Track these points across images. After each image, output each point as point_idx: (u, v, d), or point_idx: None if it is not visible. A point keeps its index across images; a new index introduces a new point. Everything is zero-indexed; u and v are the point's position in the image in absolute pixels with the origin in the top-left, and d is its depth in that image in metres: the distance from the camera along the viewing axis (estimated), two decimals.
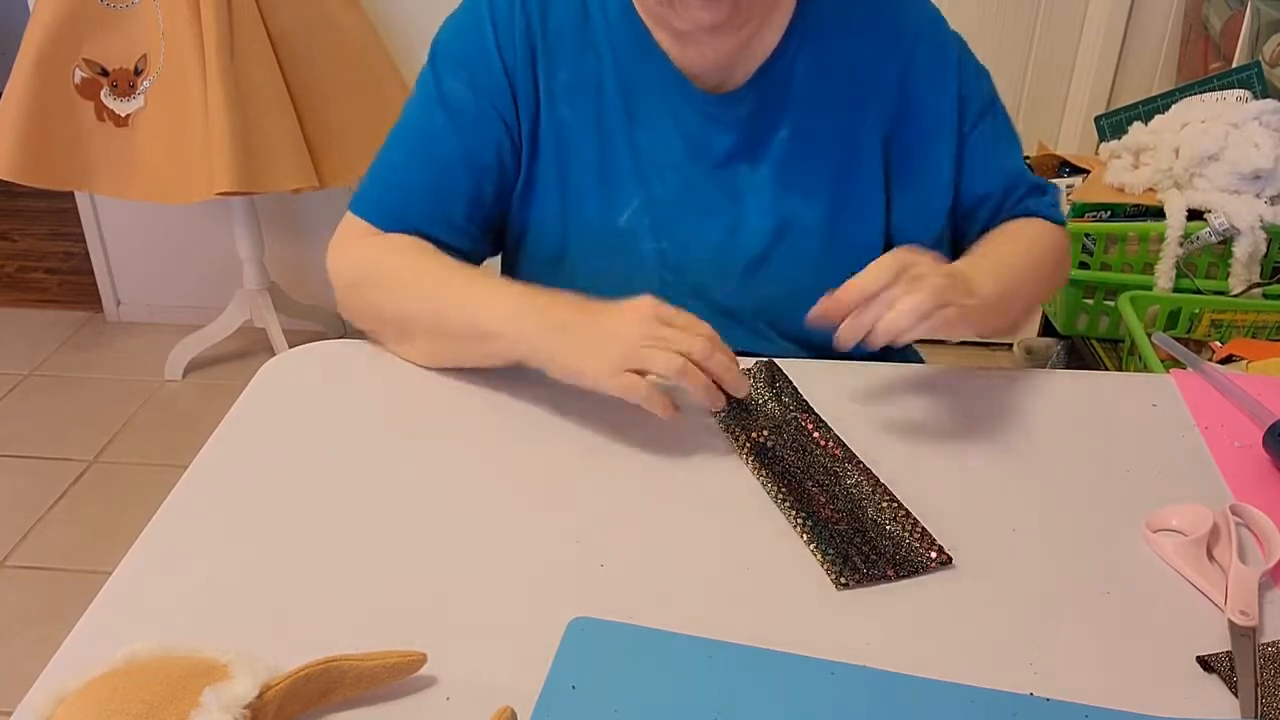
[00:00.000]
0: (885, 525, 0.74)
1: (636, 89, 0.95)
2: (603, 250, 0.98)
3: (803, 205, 0.97)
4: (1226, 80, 1.59)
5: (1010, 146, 1.04)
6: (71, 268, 2.95)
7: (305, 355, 0.97)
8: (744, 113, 0.95)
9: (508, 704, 0.59)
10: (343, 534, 0.74)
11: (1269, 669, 0.63)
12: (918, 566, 0.71)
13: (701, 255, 0.97)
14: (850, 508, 0.76)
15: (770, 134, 0.96)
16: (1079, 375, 1.00)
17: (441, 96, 0.95)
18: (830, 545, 0.72)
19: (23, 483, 2.10)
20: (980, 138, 1.00)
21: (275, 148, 1.99)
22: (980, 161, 1.00)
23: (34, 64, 1.96)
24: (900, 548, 0.72)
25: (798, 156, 0.96)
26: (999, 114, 1.03)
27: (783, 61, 0.95)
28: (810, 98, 0.96)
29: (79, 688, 0.55)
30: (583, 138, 0.96)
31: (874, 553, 0.72)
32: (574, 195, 0.97)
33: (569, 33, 0.95)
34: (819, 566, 0.71)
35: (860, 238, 0.98)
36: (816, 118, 0.96)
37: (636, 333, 0.79)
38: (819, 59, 0.95)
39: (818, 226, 0.97)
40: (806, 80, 0.95)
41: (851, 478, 0.79)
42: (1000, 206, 1.03)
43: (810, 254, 0.97)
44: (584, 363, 0.80)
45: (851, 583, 0.70)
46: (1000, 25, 2.21)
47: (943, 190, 1.00)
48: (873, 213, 0.98)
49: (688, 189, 0.96)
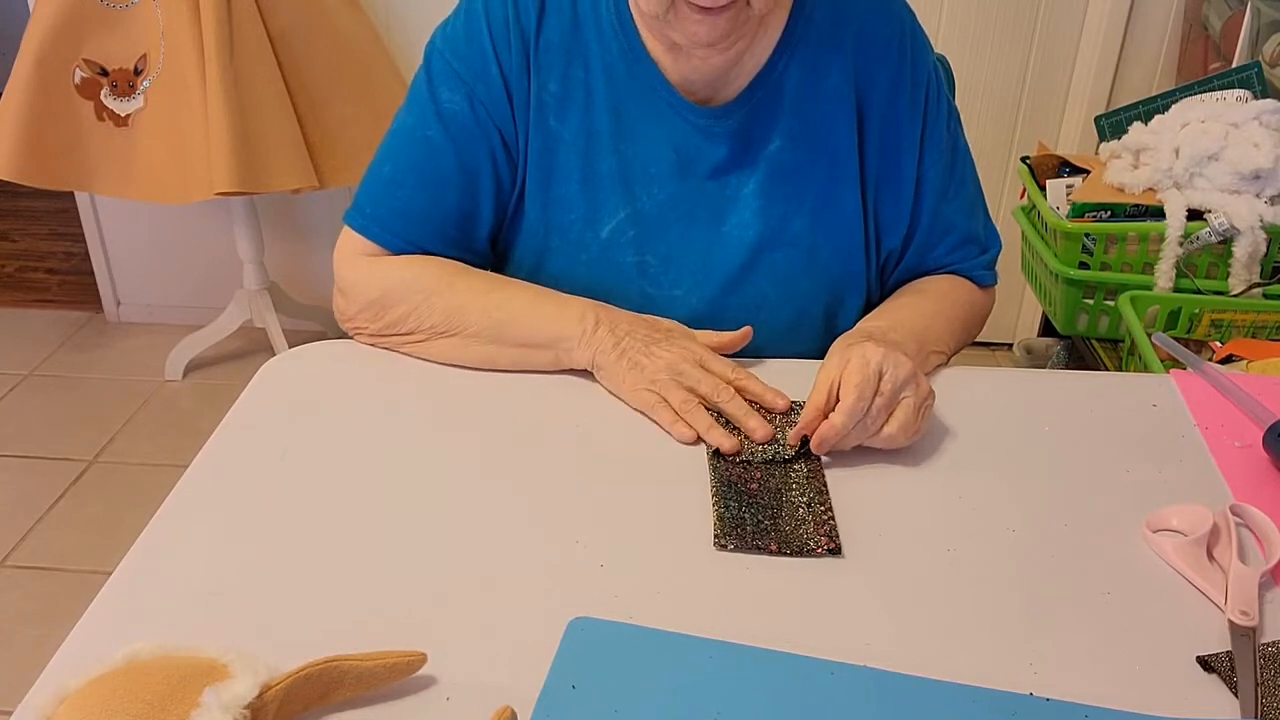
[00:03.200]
0: (799, 510, 0.76)
1: (627, 101, 0.95)
2: (581, 261, 0.98)
3: (787, 217, 0.97)
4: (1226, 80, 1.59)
5: (958, 192, 1.03)
6: (71, 268, 2.95)
7: (305, 355, 0.97)
8: (735, 126, 0.96)
9: (508, 704, 0.59)
10: (343, 534, 0.74)
11: (1269, 669, 0.63)
12: (804, 548, 0.72)
13: (684, 268, 0.98)
14: (777, 486, 0.78)
15: (761, 147, 0.96)
16: (1079, 375, 1.00)
17: (437, 109, 0.95)
18: (729, 508, 0.75)
19: (23, 483, 2.10)
20: (933, 180, 1.00)
21: (275, 148, 1.99)
22: (925, 205, 1.01)
23: (34, 64, 1.96)
24: (799, 528, 0.74)
25: (785, 169, 0.97)
26: (957, 155, 1.03)
27: (774, 75, 0.95)
28: (799, 110, 0.96)
29: (79, 688, 0.55)
30: (569, 149, 0.96)
31: (773, 528, 0.74)
32: (555, 206, 0.97)
33: (560, 44, 0.95)
34: (819, 566, 0.71)
35: (841, 249, 0.99)
36: (804, 130, 0.96)
37: (670, 368, 0.87)
38: (808, 72, 0.96)
39: (801, 239, 0.98)
40: (796, 93, 0.96)
41: (797, 465, 0.81)
42: (925, 254, 1.03)
43: (792, 267, 0.98)
44: (624, 377, 0.88)
45: (730, 546, 0.72)
46: (1000, 25, 2.21)
47: (903, 213, 1.01)
48: (854, 224, 0.99)
49: (675, 202, 0.97)
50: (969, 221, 1.04)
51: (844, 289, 1.00)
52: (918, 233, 1.01)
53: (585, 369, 0.91)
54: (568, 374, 0.92)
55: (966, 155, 1.04)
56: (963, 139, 1.04)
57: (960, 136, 1.03)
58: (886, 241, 1.01)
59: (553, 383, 0.92)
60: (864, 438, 0.80)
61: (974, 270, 1.05)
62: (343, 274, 0.98)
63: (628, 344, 0.89)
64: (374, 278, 0.95)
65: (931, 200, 1.00)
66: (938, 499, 0.78)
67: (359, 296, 0.95)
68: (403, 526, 0.75)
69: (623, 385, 0.88)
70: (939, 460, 0.82)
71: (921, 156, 0.99)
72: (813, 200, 0.97)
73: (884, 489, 0.79)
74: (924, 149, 0.99)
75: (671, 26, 0.88)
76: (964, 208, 1.04)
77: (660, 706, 0.60)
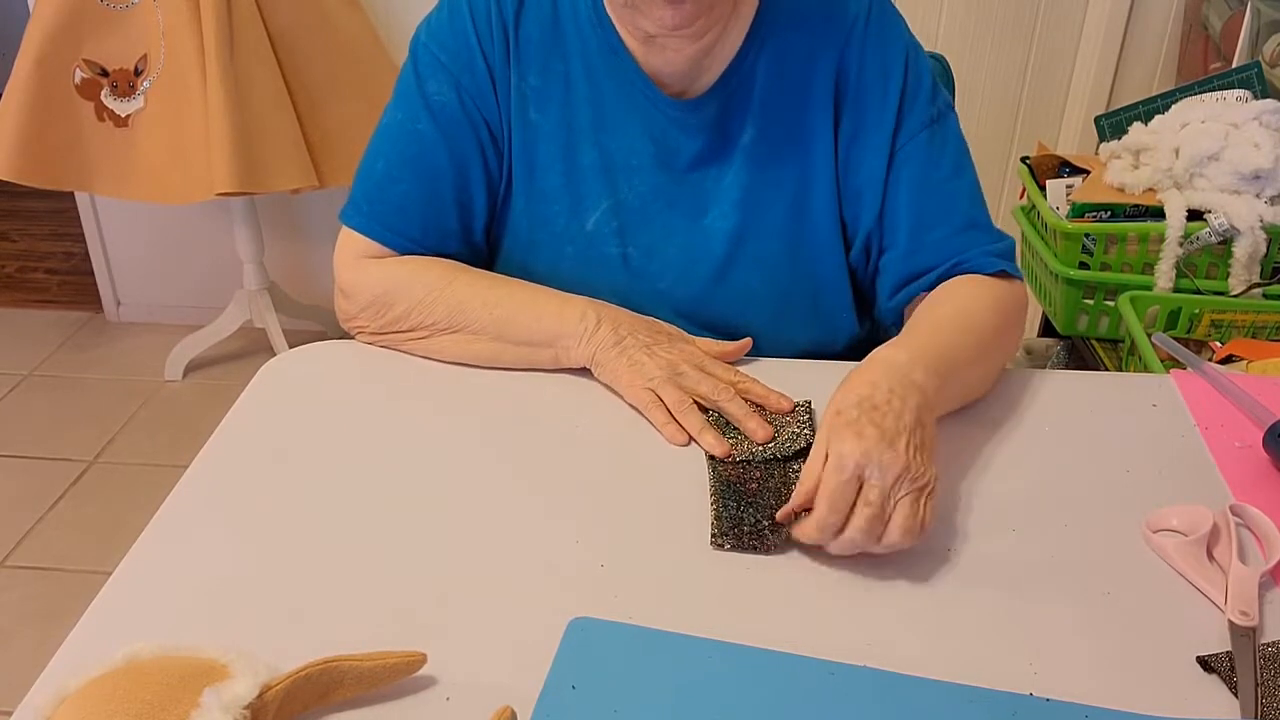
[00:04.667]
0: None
1: (606, 94, 0.96)
2: (567, 254, 0.98)
3: (766, 207, 0.97)
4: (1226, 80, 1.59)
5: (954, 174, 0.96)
6: (71, 268, 2.95)
7: (305, 355, 0.97)
8: (709, 117, 0.95)
9: (508, 704, 0.59)
10: (343, 534, 0.74)
11: (1269, 669, 0.63)
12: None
13: (667, 260, 0.98)
14: (776, 486, 0.78)
15: (736, 137, 0.96)
16: (1079, 375, 1.00)
17: (426, 102, 0.95)
18: (727, 507, 0.75)
19: (23, 483, 2.10)
20: (913, 153, 0.95)
21: (275, 148, 1.99)
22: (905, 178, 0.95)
23: (34, 64, 1.96)
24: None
25: (761, 158, 0.96)
26: (948, 137, 0.97)
27: (745, 64, 0.95)
28: (771, 99, 0.96)
29: (79, 688, 0.55)
30: (549, 142, 0.96)
31: (771, 529, 0.73)
32: (539, 199, 0.98)
33: (539, 37, 0.95)
34: (819, 566, 0.71)
35: (820, 238, 0.98)
36: (777, 118, 0.96)
37: (670, 367, 0.87)
38: (777, 58, 0.95)
39: (779, 228, 0.97)
40: (767, 83, 0.95)
41: (796, 464, 0.80)
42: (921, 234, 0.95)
43: (773, 256, 0.98)
44: (622, 373, 0.88)
45: (726, 546, 0.73)
46: (1000, 25, 2.21)
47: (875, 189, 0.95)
48: (829, 208, 0.97)
49: (655, 194, 0.97)
50: (973, 207, 0.97)
51: (826, 278, 0.99)
52: (903, 208, 0.95)
53: (584, 368, 0.91)
54: (568, 373, 0.92)
55: (962, 144, 0.99)
56: (956, 126, 0.99)
57: (953, 122, 0.99)
58: (862, 220, 0.96)
59: (553, 382, 0.92)
60: (866, 547, 0.70)
61: (990, 261, 0.94)
62: (343, 275, 0.98)
63: (629, 342, 0.89)
64: (374, 277, 0.95)
65: (914, 172, 0.95)
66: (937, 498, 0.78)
67: (360, 296, 0.96)
68: (403, 526, 0.75)
69: (620, 381, 0.88)
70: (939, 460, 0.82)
71: (899, 128, 0.94)
72: (790, 190, 0.97)
73: None
74: (901, 121, 0.94)
75: (640, 13, 0.88)
76: (964, 192, 0.97)
77: (660, 706, 0.60)
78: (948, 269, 0.95)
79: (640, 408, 0.87)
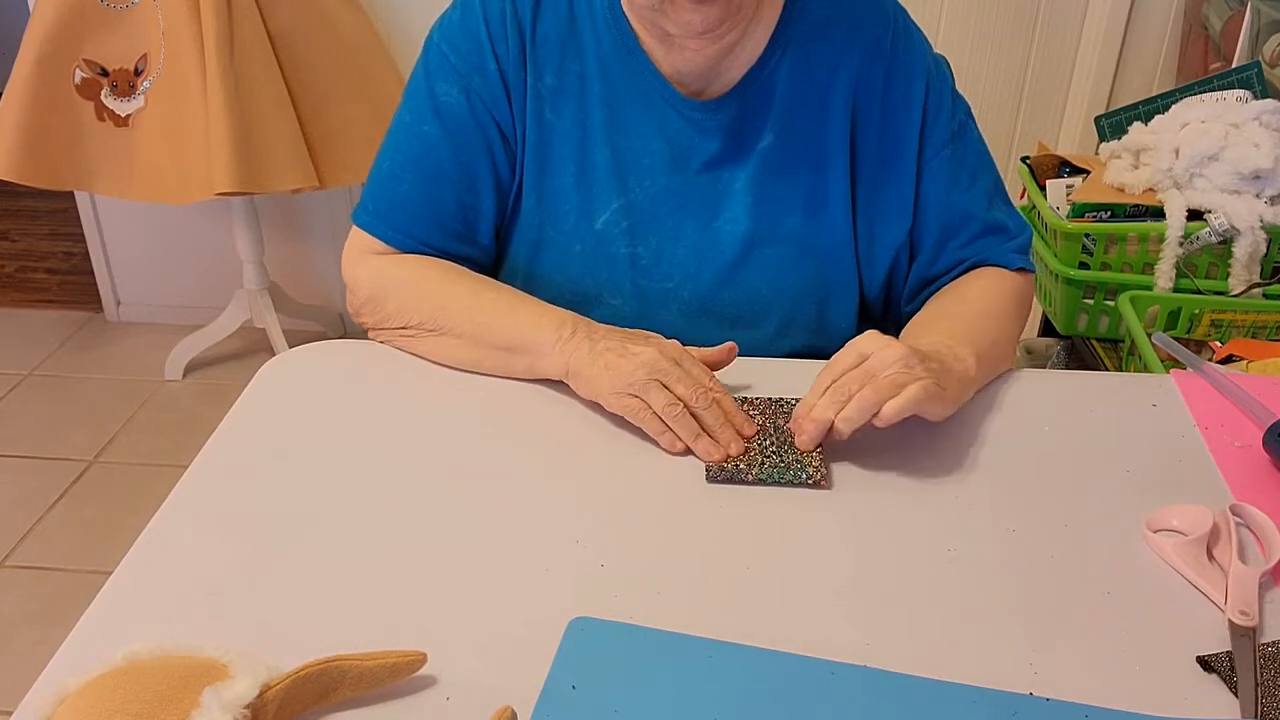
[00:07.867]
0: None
1: (621, 94, 0.96)
2: (575, 253, 0.98)
3: (779, 213, 0.97)
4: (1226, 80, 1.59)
5: (973, 182, 1.00)
6: (71, 268, 2.95)
7: (305, 355, 0.97)
8: (727, 119, 0.95)
9: (508, 704, 0.59)
10: (343, 534, 0.74)
11: (1269, 669, 0.63)
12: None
13: (676, 261, 0.98)
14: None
15: (753, 141, 0.96)
16: (1079, 375, 1.00)
17: (434, 104, 0.95)
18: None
19: (23, 483, 2.10)
20: (937, 171, 0.98)
21: (275, 148, 1.99)
22: (931, 196, 0.98)
23: (34, 64, 1.96)
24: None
25: (777, 164, 0.96)
26: (967, 147, 1.00)
27: (767, 70, 0.95)
28: (791, 106, 0.96)
29: (79, 688, 0.55)
30: (564, 141, 0.96)
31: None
32: (550, 198, 0.98)
33: (556, 37, 0.95)
34: (819, 564, 0.71)
35: (832, 247, 0.99)
36: (796, 126, 0.96)
37: (649, 365, 0.83)
38: (799, 67, 0.96)
39: (792, 234, 0.98)
40: (788, 90, 0.96)
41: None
42: (943, 244, 1.00)
43: (783, 264, 0.98)
44: (599, 380, 0.84)
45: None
46: (1000, 25, 2.21)
47: (905, 208, 0.99)
48: (842, 221, 0.98)
49: (667, 194, 0.97)
50: (989, 212, 1.01)
51: (835, 287, 1.00)
52: (930, 224, 0.99)
53: (559, 379, 0.89)
54: None
55: (980, 146, 1.02)
56: (975, 131, 1.02)
57: (972, 129, 1.02)
58: (889, 237, 0.99)
59: (552, 381, 0.92)
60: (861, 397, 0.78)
61: (1004, 256, 1.00)
62: (345, 270, 1.00)
63: (603, 346, 0.86)
64: (371, 273, 0.97)
65: (939, 190, 0.98)
66: (938, 499, 0.78)
67: (359, 291, 0.97)
68: (403, 526, 0.75)
69: (600, 389, 0.84)
70: (939, 460, 0.82)
71: (923, 148, 0.98)
72: (804, 197, 0.97)
73: (884, 489, 0.79)
74: (925, 140, 0.98)
75: (665, 16, 0.88)
76: (981, 198, 1.01)
77: (660, 706, 0.60)
78: (966, 269, 1.02)
79: (629, 417, 0.83)
